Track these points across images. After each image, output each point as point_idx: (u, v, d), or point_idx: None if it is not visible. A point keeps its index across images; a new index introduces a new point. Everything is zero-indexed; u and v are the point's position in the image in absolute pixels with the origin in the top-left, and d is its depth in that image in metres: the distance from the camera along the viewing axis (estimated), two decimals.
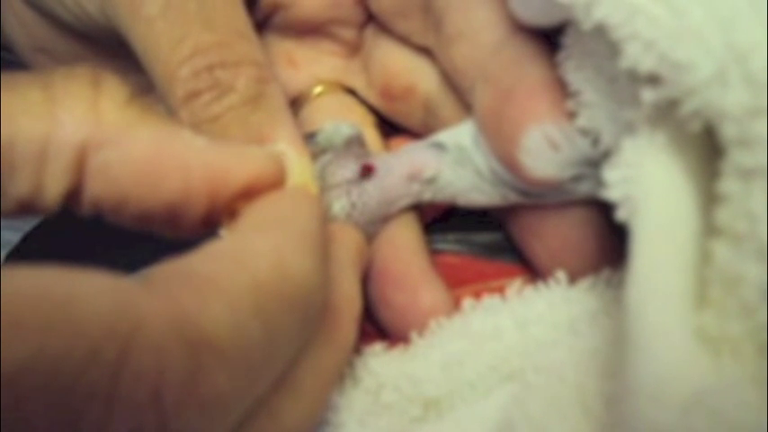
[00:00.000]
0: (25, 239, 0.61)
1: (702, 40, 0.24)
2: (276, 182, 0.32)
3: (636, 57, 0.25)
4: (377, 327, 0.39)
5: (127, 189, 0.30)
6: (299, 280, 0.28)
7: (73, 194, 0.30)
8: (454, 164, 0.37)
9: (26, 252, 0.60)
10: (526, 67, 0.35)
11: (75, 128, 0.29)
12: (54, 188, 0.29)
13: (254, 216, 0.31)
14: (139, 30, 0.35)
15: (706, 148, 0.26)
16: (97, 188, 0.30)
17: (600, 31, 0.26)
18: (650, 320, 0.24)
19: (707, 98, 0.24)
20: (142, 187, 0.30)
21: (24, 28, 0.43)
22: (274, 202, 0.32)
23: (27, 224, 0.62)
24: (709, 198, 0.25)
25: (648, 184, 0.26)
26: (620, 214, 0.26)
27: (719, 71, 0.23)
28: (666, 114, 0.26)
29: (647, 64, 0.25)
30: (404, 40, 0.42)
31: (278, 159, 0.33)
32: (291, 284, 0.27)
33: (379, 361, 0.35)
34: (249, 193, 0.31)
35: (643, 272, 0.25)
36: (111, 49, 0.40)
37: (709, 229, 0.25)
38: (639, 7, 0.25)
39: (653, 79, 0.25)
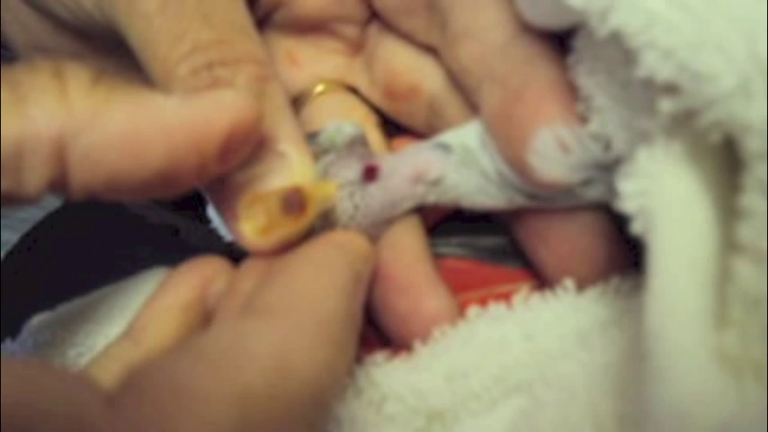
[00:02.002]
0: (24, 239, 0.60)
1: (724, 50, 0.23)
2: (255, 120, 0.31)
3: (653, 66, 0.24)
4: (378, 332, 0.38)
5: (114, 168, 0.29)
6: (305, 379, 0.26)
7: (57, 184, 0.29)
8: (459, 165, 0.36)
9: (25, 252, 0.59)
10: (535, 68, 0.34)
11: (48, 121, 0.28)
12: (34, 182, 0.29)
13: (265, 296, 0.30)
14: (137, 26, 0.34)
15: (725, 159, 0.25)
16: (84, 174, 0.29)
17: (615, 38, 0.25)
18: (671, 342, 0.23)
19: (729, 110, 0.23)
20: (129, 162, 0.29)
21: (22, 26, 0.42)
22: (292, 274, 0.31)
23: (26, 224, 0.61)
24: (728, 211, 0.24)
25: (665, 196, 0.25)
26: (636, 227, 0.26)
27: (743, 82, 0.22)
28: (683, 124, 0.25)
29: (665, 73, 0.24)
30: (408, 39, 0.42)
31: (251, 97, 0.32)
32: (293, 386, 0.26)
33: (381, 371, 0.35)
34: (234, 138, 0.30)
35: (662, 291, 0.24)
36: (110, 47, 0.40)
37: (730, 245, 0.24)
38: (658, 15, 0.24)
39: (671, 89, 0.24)
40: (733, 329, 0.23)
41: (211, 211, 0.47)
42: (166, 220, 0.56)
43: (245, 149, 0.32)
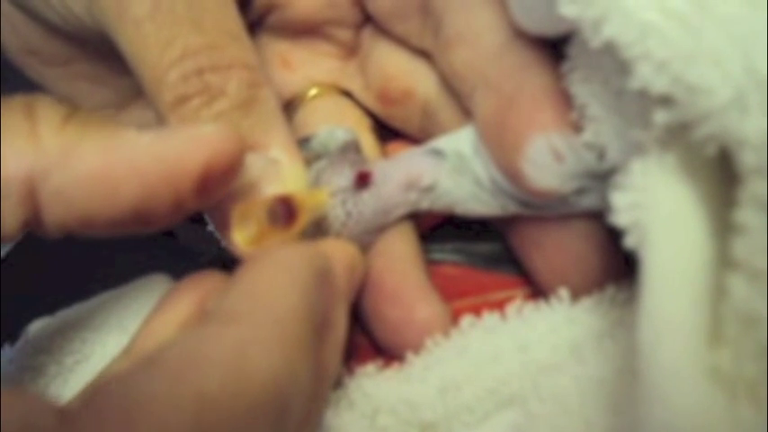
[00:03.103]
0: (21, 242, 0.60)
1: (719, 63, 0.22)
2: (235, 154, 0.31)
3: (647, 77, 0.24)
4: (371, 341, 0.38)
5: (87, 206, 0.29)
6: (263, 380, 0.26)
7: (33, 223, 0.29)
8: (453, 172, 0.36)
9: (22, 255, 0.59)
10: (530, 74, 0.33)
11: (18, 161, 0.28)
12: (11, 222, 0.28)
13: (225, 300, 0.29)
14: (127, 32, 0.34)
15: (720, 171, 0.25)
16: (57, 213, 0.29)
17: (609, 49, 0.25)
18: (664, 360, 0.22)
19: (724, 123, 0.22)
20: (102, 201, 0.29)
21: (14, 30, 0.42)
22: (251, 277, 0.30)
23: None
24: (723, 225, 0.24)
25: (658, 210, 0.25)
26: (629, 241, 0.25)
27: (738, 96, 0.22)
28: (678, 136, 0.25)
29: (659, 85, 0.24)
30: (402, 42, 0.41)
31: (231, 130, 0.31)
32: (251, 388, 0.25)
33: (373, 383, 0.34)
34: (211, 174, 0.30)
35: (654, 307, 0.23)
36: (101, 52, 0.40)
37: (725, 261, 0.23)
38: (652, 26, 0.23)
39: (665, 101, 0.24)
40: (727, 348, 0.23)
41: None
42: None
43: (225, 184, 0.31)
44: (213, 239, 0.43)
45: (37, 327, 0.40)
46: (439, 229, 0.41)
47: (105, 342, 0.37)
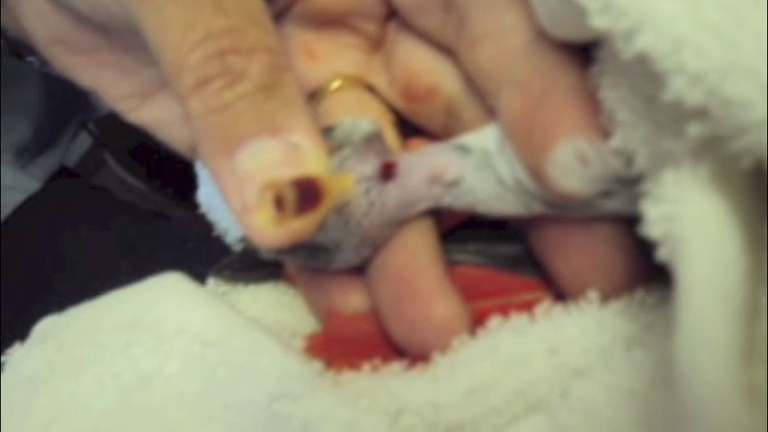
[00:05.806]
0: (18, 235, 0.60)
1: (756, 76, 0.22)
2: None
3: (682, 90, 0.23)
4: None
5: None
6: None
7: None
8: (477, 168, 0.35)
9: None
10: (559, 75, 0.33)
11: None
12: None
13: None
14: (150, 15, 0.34)
15: (755, 184, 0.24)
16: None
17: (641, 61, 0.24)
18: (704, 382, 0.22)
19: (761, 138, 0.22)
20: None
21: (41, 19, 0.42)
22: None
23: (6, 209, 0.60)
24: (758, 240, 0.24)
25: (692, 222, 0.24)
26: (662, 253, 0.25)
27: None
28: (712, 147, 0.24)
29: (694, 98, 0.23)
30: (426, 38, 0.41)
31: None
32: None
33: (398, 381, 0.34)
34: None
35: (692, 327, 0.23)
36: (127, 42, 0.40)
37: (760, 278, 0.23)
38: (686, 38, 0.23)
39: (700, 113, 0.23)
40: (762, 366, 0.23)
41: (202, 197, 0.46)
42: (156, 206, 0.56)
43: None
44: (206, 223, 0.43)
45: (46, 324, 0.39)
46: (459, 230, 0.41)
47: (120, 341, 0.37)
